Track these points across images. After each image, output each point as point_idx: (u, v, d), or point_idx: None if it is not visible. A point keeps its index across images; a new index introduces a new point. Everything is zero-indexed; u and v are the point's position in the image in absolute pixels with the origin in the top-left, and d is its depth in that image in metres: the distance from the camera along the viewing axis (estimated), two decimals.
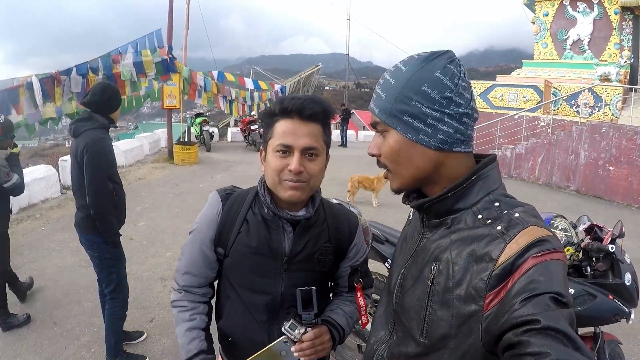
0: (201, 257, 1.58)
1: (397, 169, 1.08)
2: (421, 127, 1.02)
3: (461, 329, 0.95)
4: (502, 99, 15.84)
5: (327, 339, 1.52)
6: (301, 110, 1.41)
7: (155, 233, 6.84)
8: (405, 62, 1.06)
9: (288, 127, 1.41)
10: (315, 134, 1.44)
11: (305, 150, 1.41)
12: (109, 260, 3.44)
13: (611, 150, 11.21)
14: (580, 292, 2.55)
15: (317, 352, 1.47)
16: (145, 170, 11.66)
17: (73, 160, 3.33)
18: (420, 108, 1.01)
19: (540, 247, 0.88)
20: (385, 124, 1.06)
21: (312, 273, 1.57)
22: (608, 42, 16.30)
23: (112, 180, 3.39)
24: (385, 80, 1.07)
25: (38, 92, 8.46)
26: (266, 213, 1.52)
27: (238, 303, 1.58)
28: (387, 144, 1.07)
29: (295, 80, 24.16)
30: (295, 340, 1.43)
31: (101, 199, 3.25)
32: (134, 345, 3.93)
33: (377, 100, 1.08)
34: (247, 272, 1.55)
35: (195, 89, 13.93)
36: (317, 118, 1.44)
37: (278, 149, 1.41)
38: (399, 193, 1.15)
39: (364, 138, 22.52)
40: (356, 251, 1.69)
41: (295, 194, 1.43)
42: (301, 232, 1.54)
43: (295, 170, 1.38)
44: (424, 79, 1.01)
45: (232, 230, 1.55)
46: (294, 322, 1.45)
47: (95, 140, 3.24)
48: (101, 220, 3.28)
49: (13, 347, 3.80)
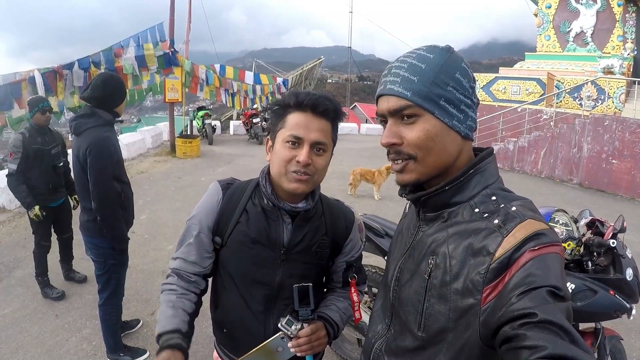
0: (198, 245, 1.58)
1: (426, 157, 1.03)
2: (455, 113, 1.03)
3: (459, 323, 0.96)
4: (505, 91, 15.76)
5: (323, 335, 1.53)
6: (315, 105, 1.44)
7: (157, 226, 6.86)
8: (428, 50, 1.05)
9: (301, 120, 1.44)
10: (326, 130, 1.47)
11: (315, 144, 1.43)
12: (112, 267, 3.32)
13: (614, 144, 11.17)
14: (581, 288, 2.54)
15: (313, 348, 1.48)
16: (148, 163, 11.67)
17: (75, 161, 3.15)
18: (455, 94, 1.03)
19: (537, 241, 0.89)
20: (422, 107, 1.01)
21: (309, 265, 1.59)
22: (611, 35, 16.20)
23: (120, 180, 3.25)
24: (411, 64, 1.03)
25: (40, 86, 8.49)
26: (266, 204, 1.54)
27: (235, 293, 1.59)
28: (419, 129, 1.02)
29: (298, 73, 24.11)
30: (291, 336, 1.44)
31: (108, 204, 3.09)
32: (133, 335, 3.94)
33: (407, 83, 1.02)
34: (245, 262, 1.55)
35: (197, 82, 13.90)
36: (328, 115, 1.47)
37: (288, 140, 1.43)
38: (415, 185, 1.10)
39: (367, 131, 22.43)
40: (352, 247, 1.71)
41: (300, 186, 1.44)
42: (300, 223, 1.56)
43: (303, 162, 1.40)
44: (456, 66, 1.03)
45: (231, 219, 1.56)
46: (291, 318, 1.46)
47: (99, 140, 3.04)
48: (108, 228, 3.14)
49: (15, 340, 3.82)
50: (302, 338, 1.44)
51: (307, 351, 1.46)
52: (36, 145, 4.31)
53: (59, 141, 4.60)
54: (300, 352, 1.45)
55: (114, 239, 3.21)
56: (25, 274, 5.04)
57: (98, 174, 3.04)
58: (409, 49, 1.09)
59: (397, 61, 1.06)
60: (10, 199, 7.39)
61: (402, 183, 1.10)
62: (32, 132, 4.35)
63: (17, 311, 4.29)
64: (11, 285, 4.79)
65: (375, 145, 16.28)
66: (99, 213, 3.09)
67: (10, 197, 7.37)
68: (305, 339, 1.44)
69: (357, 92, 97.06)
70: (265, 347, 1.46)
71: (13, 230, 6.53)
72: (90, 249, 3.30)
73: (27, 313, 4.26)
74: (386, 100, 1.05)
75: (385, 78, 1.07)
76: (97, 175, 3.04)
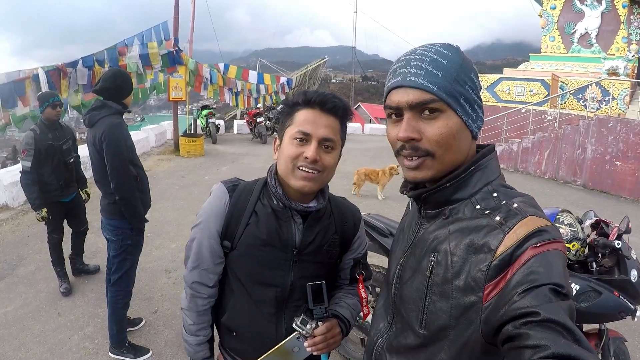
0: (209, 250, 1.56)
1: (444, 155, 1.02)
2: (470, 112, 1.04)
3: (460, 320, 0.95)
4: (509, 92, 15.72)
5: (338, 332, 1.53)
6: (324, 102, 1.44)
7: (161, 225, 6.85)
8: (444, 47, 1.04)
9: (309, 116, 1.43)
10: (334, 127, 1.46)
11: (323, 140, 1.42)
12: (128, 247, 3.46)
13: (618, 145, 11.13)
14: (586, 289, 2.53)
15: (329, 346, 1.48)
16: (151, 162, 11.71)
17: (92, 149, 3.31)
18: (471, 93, 1.03)
19: (539, 238, 0.88)
20: (446, 103, 0.99)
21: (320, 264, 1.59)
22: (616, 36, 16.11)
23: (134, 164, 3.42)
24: (433, 58, 1.01)
25: (44, 84, 8.47)
26: (276, 204, 1.52)
27: (244, 297, 1.57)
28: (441, 125, 1.00)
29: (302, 73, 24.06)
30: (307, 336, 1.44)
31: (125, 183, 3.26)
32: (136, 334, 3.94)
33: (431, 77, 0.99)
34: (256, 264, 1.53)
35: (201, 81, 13.92)
36: (337, 113, 1.47)
37: (296, 137, 1.42)
38: (430, 182, 1.07)
39: (370, 131, 22.43)
40: (359, 244, 1.71)
41: (307, 184, 1.43)
42: (312, 223, 1.55)
43: (311, 157, 1.39)
44: (471, 67, 1.04)
45: (240, 222, 1.53)
46: (305, 317, 1.46)
47: (112, 126, 3.21)
48: (127, 206, 3.31)
49: (17, 337, 3.82)
50: (318, 337, 1.44)
51: (324, 349, 1.47)
52: (47, 141, 4.34)
53: (70, 136, 4.64)
54: (317, 350, 1.45)
55: (132, 216, 3.37)
56: (28, 272, 5.05)
57: (114, 156, 3.21)
58: (424, 43, 1.08)
59: (416, 54, 1.03)
60: (14, 197, 7.41)
61: (415, 180, 1.07)
62: (43, 128, 4.39)
63: (19, 309, 4.30)
64: (14, 283, 4.80)
65: (378, 146, 16.27)
66: (118, 192, 3.25)
67: (13, 194, 7.39)
68: (321, 337, 1.44)
69: (361, 92, 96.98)
70: (282, 348, 1.45)
71: (16, 228, 6.54)
72: (109, 230, 3.44)
73: (29, 311, 4.27)
74: (405, 92, 1.01)
75: (403, 69, 1.02)
76: (114, 158, 3.21)
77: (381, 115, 41.40)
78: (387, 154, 13.16)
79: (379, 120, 39.34)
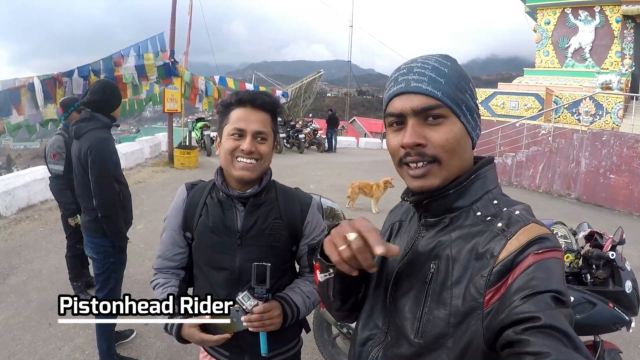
0: (171, 241, 1.80)
1: (450, 161, 1.01)
2: (470, 120, 1.05)
3: (459, 328, 0.94)
4: (504, 106, 15.83)
5: (277, 314, 1.64)
6: (253, 100, 1.64)
7: (154, 236, 6.78)
8: (443, 57, 1.05)
9: (241, 114, 1.64)
10: (265, 121, 1.67)
11: (256, 133, 1.63)
12: (111, 265, 3.35)
13: (612, 159, 11.21)
14: (580, 300, 2.52)
15: (265, 326, 1.60)
16: (145, 173, 11.66)
17: (76, 162, 3.24)
18: (471, 102, 1.05)
19: (541, 245, 0.88)
20: (450, 109, 1.00)
21: (265, 248, 1.72)
22: (609, 50, 16.29)
23: (118, 180, 3.34)
24: (434, 66, 1.01)
25: (39, 93, 8.48)
26: (221, 196, 1.73)
27: (204, 280, 1.78)
28: (446, 130, 1.00)
29: (297, 87, 24.08)
30: (247, 311, 1.53)
31: (108, 201, 3.18)
32: (127, 346, 3.90)
33: (435, 83, 1.00)
34: (208, 250, 1.74)
35: (196, 93, 13.92)
36: (266, 108, 1.68)
37: (232, 133, 1.62)
38: (437, 189, 1.04)
39: (365, 145, 22.46)
40: (311, 229, 1.83)
41: (246, 173, 1.63)
42: (252, 209, 1.72)
43: (247, 149, 1.59)
44: (468, 77, 1.06)
45: (195, 214, 1.76)
46: (249, 293, 1.57)
47: (99, 141, 3.14)
48: (109, 223, 3.21)
49: (7, 347, 3.78)
50: (254, 315, 1.55)
51: (259, 328, 1.58)
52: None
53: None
54: (252, 327, 1.57)
55: (114, 234, 3.27)
56: (19, 282, 5.00)
57: (99, 172, 3.14)
58: (419, 55, 1.08)
59: (417, 62, 1.04)
60: (7, 205, 7.37)
61: (422, 190, 1.05)
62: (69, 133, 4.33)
63: (9, 318, 4.25)
64: (4, 293, 4.74)
65: (373, 159, 16.31)
66: (100, 210, 3.17)
67: (6, 203, 7.35)
68: (257, 316, 1.56)
69: (356, 106, 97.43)
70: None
71: (9, 237, 6.48)
72: (90, 248, 3.36)
73: (19, 321, 4.22)
74: (409, 98, 1.01)
75: (406, 77, 1.02)
76: (99, 174, 3.14)
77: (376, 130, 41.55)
78: (381, 167, 13.19)
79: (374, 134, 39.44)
